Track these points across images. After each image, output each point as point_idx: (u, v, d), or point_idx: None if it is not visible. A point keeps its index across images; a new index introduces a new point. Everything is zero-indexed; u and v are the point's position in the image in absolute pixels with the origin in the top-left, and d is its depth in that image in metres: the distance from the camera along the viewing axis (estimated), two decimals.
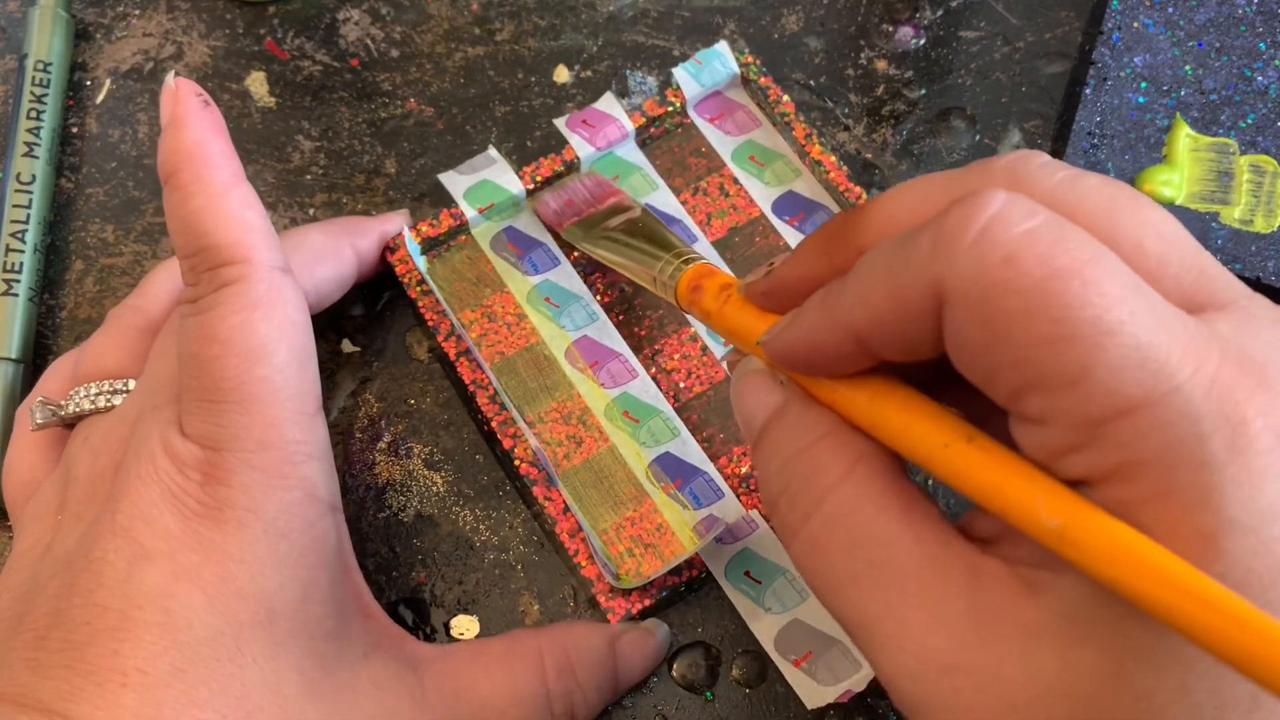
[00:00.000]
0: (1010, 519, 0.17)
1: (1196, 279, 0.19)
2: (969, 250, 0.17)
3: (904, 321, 0.18)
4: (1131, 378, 0.16)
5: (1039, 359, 0.16)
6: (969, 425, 0.18)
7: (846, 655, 0.30)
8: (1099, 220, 0.18)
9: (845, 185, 0.34)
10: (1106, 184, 0.19)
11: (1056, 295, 0.16)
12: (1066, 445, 0.17)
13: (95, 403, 0.28)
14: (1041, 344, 0.16)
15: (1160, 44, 0.35)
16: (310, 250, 0.31)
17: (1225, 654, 0.15)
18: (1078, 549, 0.16)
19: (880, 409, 0.20)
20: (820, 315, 0.20)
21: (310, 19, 0.39)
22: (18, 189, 0.35)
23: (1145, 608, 0.16)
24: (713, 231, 0.35)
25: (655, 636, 0.30)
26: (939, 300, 0.17)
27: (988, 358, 0.17)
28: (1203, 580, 0.15)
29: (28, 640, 0.23)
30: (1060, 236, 0.17)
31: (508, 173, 0.35)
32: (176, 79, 0.26)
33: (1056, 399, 0.17)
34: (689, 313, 0.27)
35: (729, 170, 0.36)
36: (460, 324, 0.34)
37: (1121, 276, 0.17)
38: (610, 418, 0.33)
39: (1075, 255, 0.16)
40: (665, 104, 0.36)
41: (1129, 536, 0.16)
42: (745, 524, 0.31)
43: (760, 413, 0.22)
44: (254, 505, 0.25)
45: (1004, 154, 0.20)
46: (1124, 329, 0.16)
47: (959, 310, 0.17)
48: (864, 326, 0.19)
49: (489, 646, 0.29)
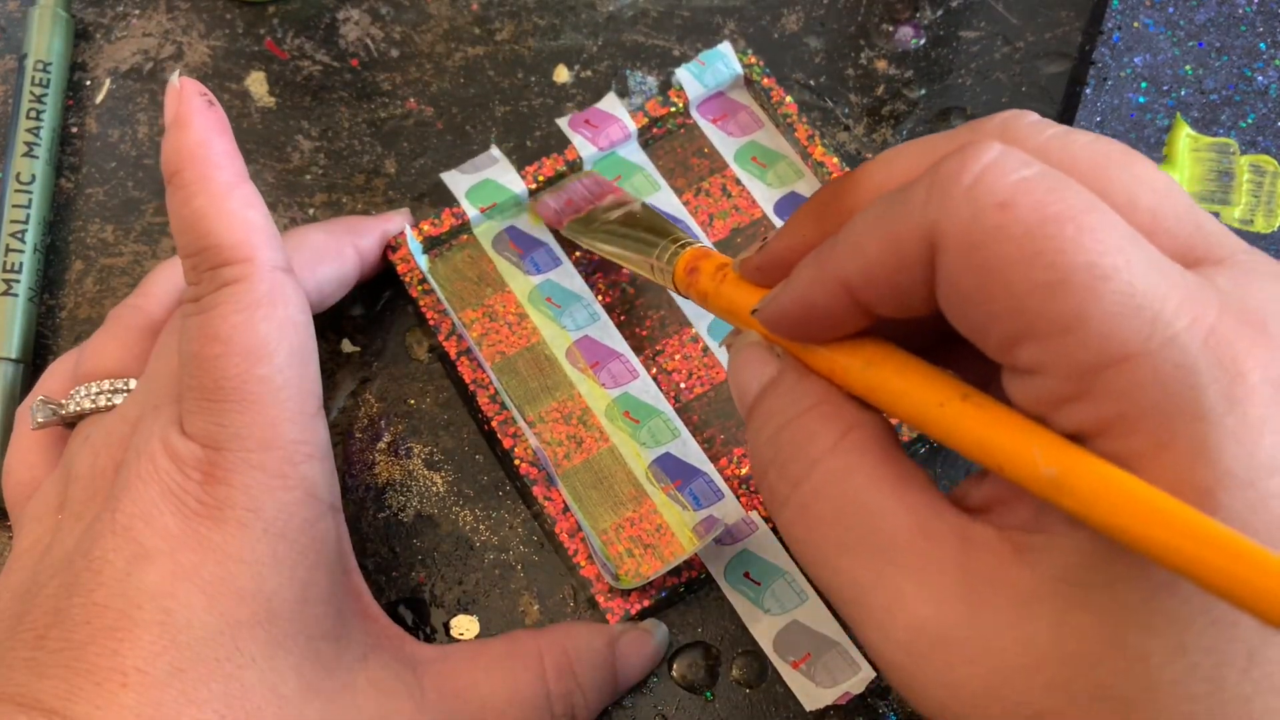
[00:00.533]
0: (1006, 472, 0.17)
1: (1192, 234, 0.18)
2: (964, 196, 0.17)
3: (897, 270, 0.18)
4: (1127, 325, 0.16)
5: (1032, 306, 0.16)
6: (964, 384, 0.18)
7: (845, 657, 0.30)
8: (1091, 175, 0.18)
9: None
10: (1098, 140, 0.19)
11: (1051, 240, 0.16)
12: (1061, 395, 0.17)
13: (96, 402, 0.28)
14: (1035, 290, 0.16)
15: (1160, 44, 0.35)
16: (312, 250, 0.31)
17: (1230, 592, 0.14)
18: (1074, 496, 0.16)
19: (876, 372, 0.19)
20: (813, 271, 0.20)
21: (310, 19, 0.39)
22: (17, 189, 0.35)
23: (1145, 551, 0.15)
24: (715, 232, 0.35)
25: (654, 637, 0.30)
26: (932, 248, 0.17)
27: (980, 307, 0.17)
28: (1203, 520, 0.15)
29: (27, 639, 0.23)
30: (1055, 185, 0.17)
31: (510, 172, 0.35)
32: (181, 78, 0.26)
33: (1050, 347, 0.16)
34: (687, 296, 0.27)
35: (731, 171, 0.36)
36: (461, 323, 0.34)
37: (1117, 225, 0.16)
38: (611, 418, 0.33)
39: (1070, 203, 0.16)
40: (668, 104, 0.36)
41: (1126, 481, 0.16)
42: (745, 525, 0.31)
43: (754, 384, 0.22)
44: (254, 505, 0.25)
45: (995, 115, 0.20)
46: (1119, 275, 0.16)
47: (952, 257, 0.17)
48: (856, 277, 0.19)
49: (489, 647, 0.29)
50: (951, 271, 0.17)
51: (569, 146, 0.35)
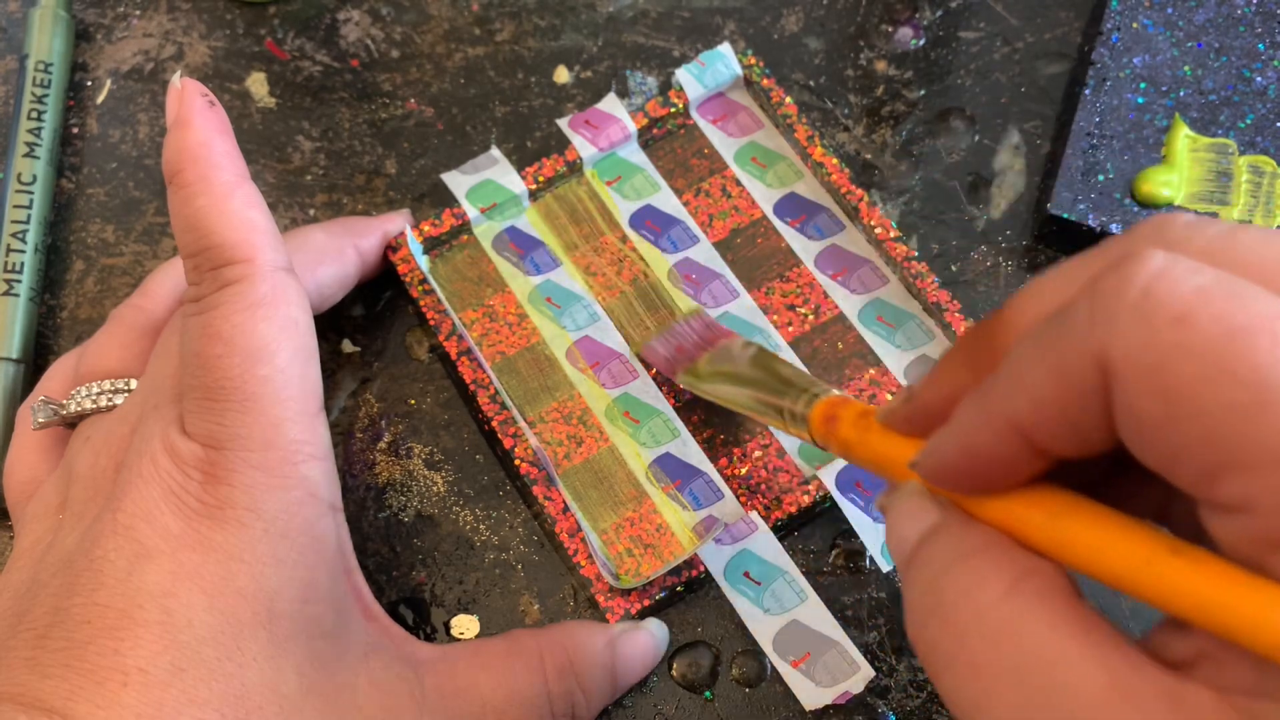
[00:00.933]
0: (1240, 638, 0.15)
1: None
2: (1133, 313, 0.15)
3: (1069, 403, 0.16)
4: None
5: (1231, 431, 0.14)
6: (1169, 536, 0.16)
7: (844, 657, 0.30)
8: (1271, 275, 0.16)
9: (847, 188, 0.34)
10: (1270, 235, 0.17)
11: (1245, 355, 0.14)
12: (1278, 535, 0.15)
13: (97, 402, 0.28)
14: (1232, 413, 0.14)
15: (1159, 44, 0.35)
16: (313, 250, 0.31)
17: None
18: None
19: (1063, 526, 0.17)
20: (975, 414, 0.18)
21: (310, 19, 0.39)
22: (18, 189, 0.35)
23: None
24: (714, 233, 0.35)
25: (655, 637, 0.30)
26: (1105, 374, 0.15)
27: (1169, 435, 0.15)
28: None
29: (28, 639, 0.23)
30: (1235, 291, 0.15)
31: (510, 173, 0.35)
32: (183, 79, 0.26)
33: (1259, 479, 0.14)
34: (825, 447, 0.25)
35: (731, 171, 0.36)
36: (461, 323, 0.34)
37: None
38: (611, 418, 0.33)
39: (1257, 310, 0.14)
40: (668, 105, 0.36)
41: None
42: (745, 525, 0.31)
43: (913, 534, 0.19)
44: (255, 505, 0.25)
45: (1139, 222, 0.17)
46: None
47: (1130, 382, 0.15)
48: (1025, 415, 0.16)
49: (489, 647, 0.29)
50: (1131, 398, 0.15)
51: (569, 147, 0.35)
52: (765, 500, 0.32)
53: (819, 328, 0.34)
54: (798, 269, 0.34)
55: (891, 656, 0.31)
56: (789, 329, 0.34)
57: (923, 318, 0.34)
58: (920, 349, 0.33)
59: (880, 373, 0.33)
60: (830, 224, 0.35)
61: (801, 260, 0.35)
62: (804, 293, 0.34)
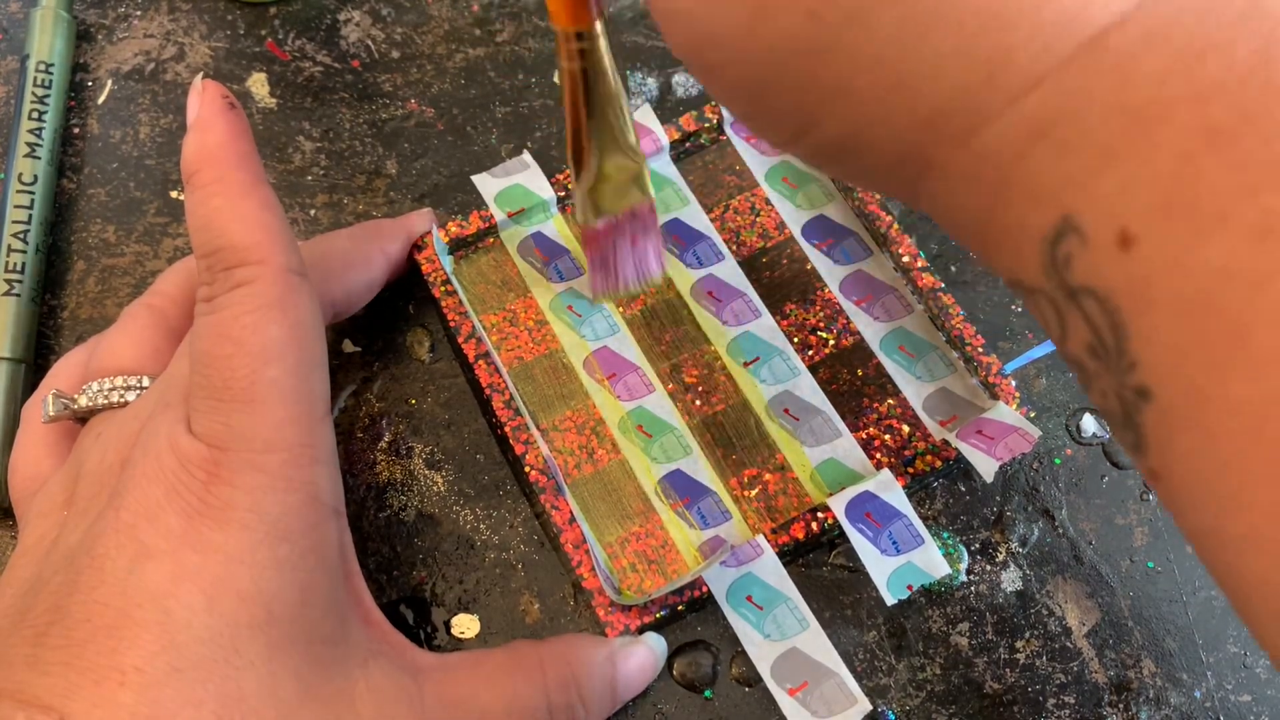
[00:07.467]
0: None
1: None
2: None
3: None
4: None
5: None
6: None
7: (842, 689, 0.29)
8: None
9: (878, 213, 0.34)
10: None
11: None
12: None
13: (109, 398, 0.28)
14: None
15: None
16: (340, 258, 0.32)
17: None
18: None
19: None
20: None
21: (311, 20, 0.39)
22: (19, 189, 0.35)
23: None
24: (740, 250, 0.35)
25: (654, 652, 0.30)
26: None
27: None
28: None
29: (28, 636, 0.23)
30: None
31: (540, 178, 0.35)
32: (204, 80, 0.27)
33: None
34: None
35: (761, 190, 0.36)
36: (481, 326, 0.34)
37: None
38: (624, 431, 0.33)
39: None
40: (702, 120, 0.36)
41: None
42: (751, 548, 0.30)
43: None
44: (257, 506, 0.24)
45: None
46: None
47: None
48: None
49: (490, 657, 0.28)
50: None
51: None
52: (773, 525, 0.31)
53: (839, 353, 0.34)
54: (822, 292, 0.34)
55: (891, 656, 0.31)
56: (809, 354, 0.34)
57: (945, 349, 0.33)
58: (940, 382, 0.33)
59: (899, 402, 0.33)
60: (858, 249, 0.35)
61: (826, 284, 0.34)
62: (826, 317, 0.34)
